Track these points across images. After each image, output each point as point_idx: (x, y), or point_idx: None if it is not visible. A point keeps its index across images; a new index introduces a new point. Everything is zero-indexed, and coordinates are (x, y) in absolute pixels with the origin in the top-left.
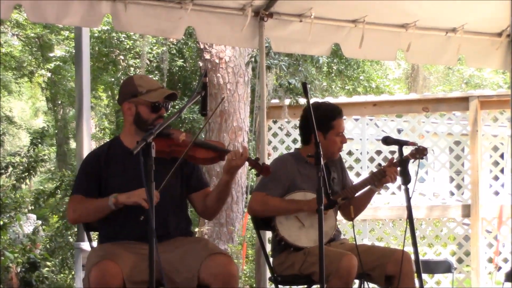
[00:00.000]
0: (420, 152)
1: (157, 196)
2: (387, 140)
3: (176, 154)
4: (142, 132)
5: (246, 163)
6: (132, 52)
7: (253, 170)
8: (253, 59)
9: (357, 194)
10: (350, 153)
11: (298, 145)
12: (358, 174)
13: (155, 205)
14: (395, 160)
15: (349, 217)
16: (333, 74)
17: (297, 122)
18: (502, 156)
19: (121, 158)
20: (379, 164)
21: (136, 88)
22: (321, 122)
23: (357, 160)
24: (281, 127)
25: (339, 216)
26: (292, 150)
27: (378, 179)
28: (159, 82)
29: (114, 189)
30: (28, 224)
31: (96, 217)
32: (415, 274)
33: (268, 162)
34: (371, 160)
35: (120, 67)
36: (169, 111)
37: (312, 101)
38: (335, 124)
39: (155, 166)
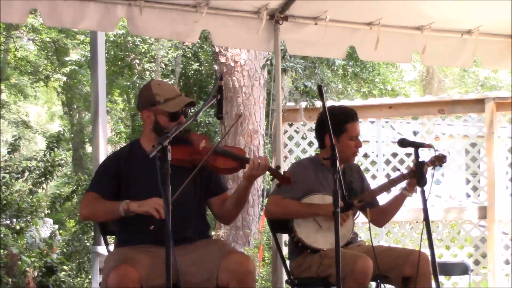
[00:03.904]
0: (439, 160)
1: (160, 204)
2: (403, 142)
3: (196, 162)
4: None
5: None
6: (148, 56)
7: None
8: (269, 62)
9: (388, 201)
10: (366, 156)
11: (314, 148)
12: (374, 177)
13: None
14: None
15: (376, 223)
16: (348, 77)
17: (313, 125)
18: None
19: (140, 161)
20: (398, 169)
21: (154, 97)
22: (334, 125)
23: (373, 163)
24: (297, 130)
25: (358, 219)
26: (307, 153)
27: (408, 181)
28: (177, 88)
29: (134, 191)
30: (45, 228)
31: (106, 219)
32: (432, 276)
33: (283, 165)
34: (387, 162)
35: (136, 71)
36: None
37: (328, 104)
38: (349, 127)
39: (175, 174)
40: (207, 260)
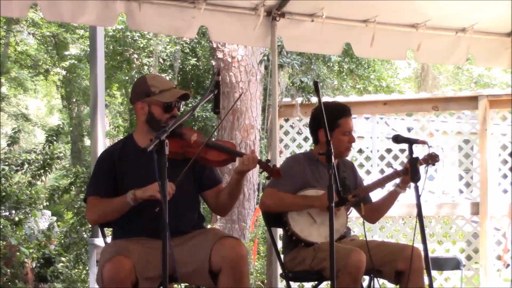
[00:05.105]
0: (432, 159)
1: (172, 188)
2: (397, 139)
3: (188, 155)
4: (155, 131)
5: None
6: (146, 51)
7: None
8: (265, 58)
9: (381, 197)
10: (360, 151)
11: (309, 143)
12: (368, 172)
13: (170, 198)
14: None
15: (369, 219)
16: (344, 73)
17: (308, 120)
18: (510, 154)
19: (134, 156)
20: (391, 166)
21: (149, 88)
22: (327, 121)
23: (368, 158)
24: (293, 125)
25: (352, 213)
26: (303, 148)
27: (401, 178)
28: (171, 82)
29: (128, 186)
30: (43, 220)
31: (116, 216)
32: (425, 271)
33: (279, 159)
34: (381, 158)
35: (134, 65)
36: (182, 111)
37: (323, 99)
38: (341, 122)
39: (167, 167)
40: (201, 246)
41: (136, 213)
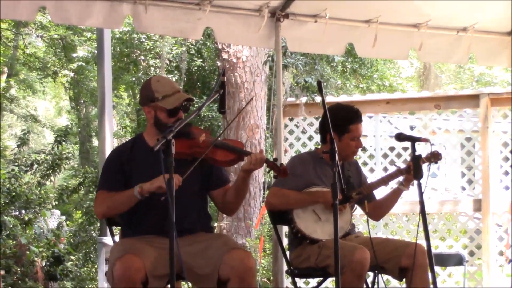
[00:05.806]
0: (435, 157)
1: (178, 179)
2: (400, 137)
3: (197, 155)
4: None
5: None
6: (152, 52)
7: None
8: (270, 58)
9: (384, 195)
10: (364, 150)
11: (314, 142)
12: (372, 170)
13: (177, 190)
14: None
15: (373, 216)
16: (347, 73)
17: (313, 119)
18: None
19: (143, 156)
20: (395, 163)
21: (153, 93)
22: (338, 124)
23: (371, 156)
24: (297, 125)
25: (356, 211)
26: (307, 147)
27: (404, 176)
28: (176, 84)
29: (136, 183)
30: (53, 219)
31: (123, 209)
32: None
33: (284, 158)
34: (385, 156)
35: (141, 67)
36: (189, 111)
37: (327, 99)
38: (352, 128)
39: (176, 166)
40: (211, 254)
41: (143, 211)
